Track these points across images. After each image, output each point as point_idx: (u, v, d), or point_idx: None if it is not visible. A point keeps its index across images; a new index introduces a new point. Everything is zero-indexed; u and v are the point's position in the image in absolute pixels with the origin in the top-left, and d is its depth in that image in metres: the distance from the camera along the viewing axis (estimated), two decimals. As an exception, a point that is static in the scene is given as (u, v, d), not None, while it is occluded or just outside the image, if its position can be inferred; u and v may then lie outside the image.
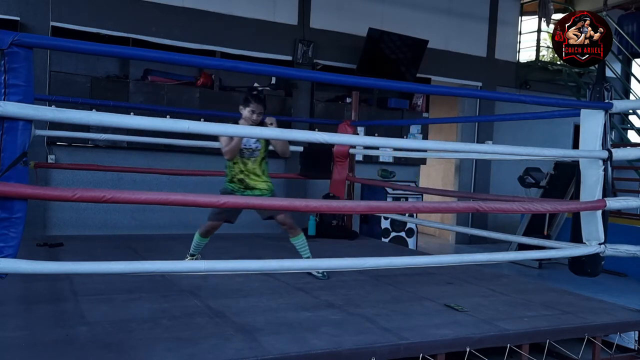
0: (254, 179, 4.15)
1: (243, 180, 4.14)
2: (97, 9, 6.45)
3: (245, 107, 4.02)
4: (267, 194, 4.19)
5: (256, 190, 4.16)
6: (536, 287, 4.59)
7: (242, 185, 4.14)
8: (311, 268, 3.85)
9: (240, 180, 4.14)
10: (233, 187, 4.17)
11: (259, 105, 4.02)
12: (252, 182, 4.15)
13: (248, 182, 4.14)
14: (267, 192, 4.21)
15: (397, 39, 7.76)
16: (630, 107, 6.04)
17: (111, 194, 2.49)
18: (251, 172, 4.14)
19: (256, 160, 4.15)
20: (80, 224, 6.41)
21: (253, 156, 4.13)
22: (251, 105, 4.00)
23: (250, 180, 4.15)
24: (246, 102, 4.02)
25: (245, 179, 4.14)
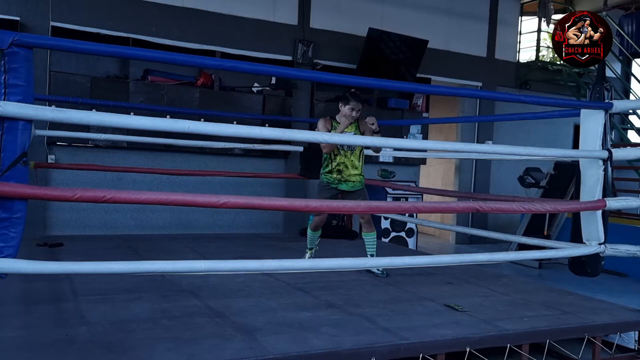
0: (351, 171, 4.43)
1: (341, 171, 4.43)
2: (97, 9, 6.45)
3: (346, 104, 4.32)
4: (358, 186, 4.48)
5: (350, 182, 4.44)
6: (536, 287, 4.59)
7: (340, 175, 4.43)
8: (312, 268, 3.83)
9: (338, 170, 4.43)
10: (329, 179, 4.46)
11: (358, 103, 4.32)
12: (348, 173, 4.42)
13: (345, 173, 4.42)
14: (359, 184, 4.49)
15: (397, 39, 7.76)
16: (630, 107, 6.04)
17: (111, 194, 2.49)
18: (350, 165, 4.42)
19: (354, 152, 4.44)
20: (80, 224, 6.41)
21: (351, 149, 4.41)
22: (351, 103, 4.31)
23: (348, 172, 4.42)
24: (346, 100, 4.33)
25: (344, 170, 4.42)
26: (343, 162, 4.42)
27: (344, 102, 4.32)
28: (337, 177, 4.44)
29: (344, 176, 4.43)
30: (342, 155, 4.42)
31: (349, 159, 4.42)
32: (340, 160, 4.42)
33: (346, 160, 4.42)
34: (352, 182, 4.45)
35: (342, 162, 4.42)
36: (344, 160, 4.42)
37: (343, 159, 4.42)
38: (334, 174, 4.45)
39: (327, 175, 4.48)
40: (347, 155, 4.42)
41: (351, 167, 4.43)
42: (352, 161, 4.43)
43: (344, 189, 4.47)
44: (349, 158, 4.43)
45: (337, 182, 4.45)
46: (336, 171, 4.43)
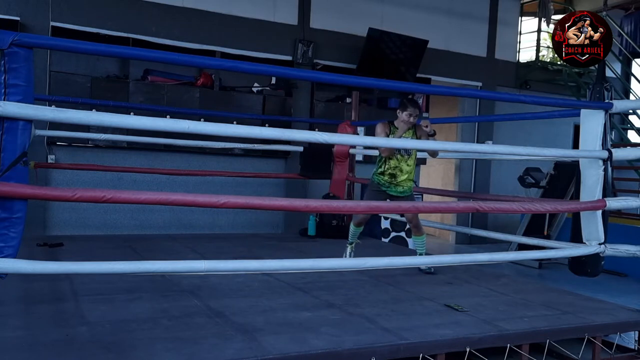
0: (403, 176, 4.44)
1: (394, 175, 4.44)
2: (97, 9, 6.45)
3: (403, 111, 4.31)
4: (407, 192, 4.51)
5: (399, 187, 4.46)
6: (536, 287, 4.59)
7: (392, 179, 4.44)
8: (312, 268, 3.84)
9: (391, 175, 4.44)
10: (380, 180, 4.48)
11: (416, 109, 4.32)
12: (401, 178, 4.44)
13: (398, 177, 4.44)
14: (408, 191, 4.51)
15: (397, 39, 7.76)
16: (630, 107, 6.04)
17: (111, 194, 2.50)
18: (403, 170, 4.43)
19: (410, 158, 4.45)
20: (80, 224, 6.41)
21: (408, 154, 4.43)
22: (409, 109, 4.30)
23: (401, 176, 4.44)
24: (404, 106, 4.33)
25: (397, 174, 4.43)
26: (398, 167, 4.43)
27: (402, 108, 4.33)
28: (388, 180, 4.45)
29: (397, 180, 4.44)
30: (398, 160, 4.42)
31: (404, 163, 4.43)
32: (395, 164, 4.43)
33: (401, 164, 4.43)
34: (402, 187, 4.46)
35: (397, 167, 4.43)
36: (399, 165, 4.43)
37: (397, 164, 4.43)
38: (386, 177, 4.46)
39: (379, 177, 4.50)
40: (402, 159, 4.43)
41: (405, 172, 4.44)
42: (408, 166, 4.45)
43: (393, 193, 4.48)
44: (405, 162, 4.44)
45: (387, 185, 4.47)
46: (389, 175, 4.44)
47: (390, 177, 4.45)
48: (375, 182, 4.53)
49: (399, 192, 4.48)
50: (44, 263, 2.58)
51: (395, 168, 4.43)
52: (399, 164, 4.43)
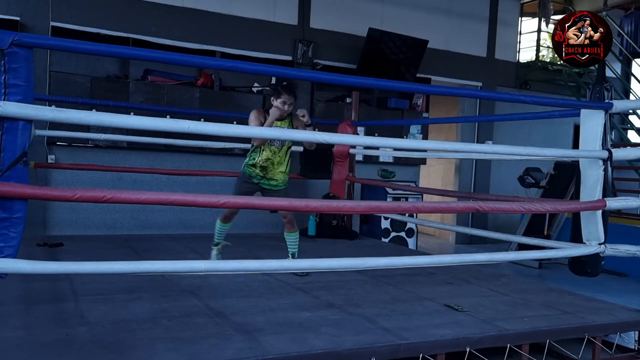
0: (276, 168, 4.24)
1: (266, 168, 4.22)
2: (97, 9, 6.45)
3: (277, 98, 4.11)
4: (281, 186, 4.29)
5: (272, 180, 4.25)
6: (536, 287, 4.59)
7: (263, 172, 4.22)
8: (313, 268, 3.84)
9: (263, 167, 4.21)
10: (251, 173, 4.24)
11: (290, 96, 4.12)
12: (273, 171, 4.23)
13: (270, 170, 4.23)
14: (282, 184, 4.30)
15: (397, 39, 7.76)
16: (630, 107, 6.03)
17: (111, 194, 2.49)
18: (276, 162, 4.23)
19: (283, 149, 4.23)
20: (80, 224, 6.41)
21: (281, 145, 4.21)
22: (283, 96, 4.10)
23: (273, 169, 4.23)
24: (278, 93, 4.12)
25: (269, 167, 4.21)
26: (270, 159, 4.18)
27: (276, 95, 4.11)
28: (260, 172, 4.21)
29: (268, 173, 4.22)
30: (271, 152, 4.17)
31: (276, 155, 4.19)
32: (267, 156, 4.17)
33: (274, 157, 4.18)
34: (275, 180, 4.24)
35: (269, 159, 4.18)
36: (271, 157, 4.18)
37: (270, 155, 4.17)
38: (257, 169, 4.21)
39: (251, 169, 4.23)
40: (275, 151, 4.18)
41: (277, 164, 4.21)
42: (280, 157, 4.21)
43: (266, 187, 4.25)
44: (277, 154, 4.19)
45: (259, 178, 4.23)
46: (260, 167, 4.20)
47: (262, 169, 4.21)
48: (246, 174, 4.25)
49: (272, 186, 4.25)
50: (44, 263, 2.58)
51: (268, 160, 4.19)
52: (272, 156, 4.18)
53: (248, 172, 4.26)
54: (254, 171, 4.24)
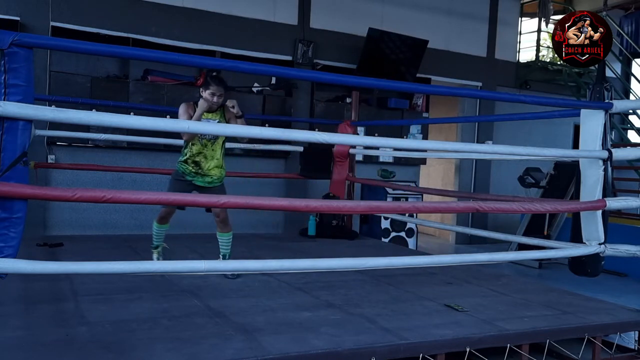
0: (210, 164, 4.00)
1: (198, 163, 3.98)
2: (97, 9, 6.45)
3: (206, 89, 3.92)
4: (217, 182, 4.07)
5: (207, 177, 4.01)
6: (536, 287, 4.59)
7: (196, 168, 3.99)
8: (312, 268, 3.84)
9: (195, 162, 3.98)
10: (185, 170, 4.00)
11: (219, 87, 3.93)
12: (207, 166, 3.99)
13: (203, 165, 3.99)
14: (217, 181, 4.07)
15: (397, 39, 7.76)
16: (630, 107, 6.04)
17: (111, 194, 2.50)
18: (209, 156, 3.99)
19: (216, 143, 4.01)
20: (80, 224, 6.41)
21: (214, 138, 3.98)
22: (211, 87, 3.91)
23: (206, 164, 3.99)
24: (206, 84, 3.93)
25: (201, 161, 3.98)
26: (202, 153, 3.95)
27: (204, 87, 3.91)
28: (193, 169, 3.98)
29: (202, 169, 3.99)
30: (202, 145, 3.95)
31: (209, 149, 3.97)
32: (198, 150, 3.95)
33: (206, 150, 3.96)
34: (209, 176, 4.01)
35: (201, 153, 3.95)
36: (203, 151, 3.95)
37: (202, 149, 3.95)
38: (190, 166, 3.98)
39: (183, 166, 4.00)
40: (207, 145, 3.96)
41: (210, 159, 3.97)
42: (213, 152, 3.99)
43: (200, 184, 4.01)
44: (210, 148, 3.97)
45: (193, 175, 3.99)
46: (192, 163, 3.97)
47: (194, 165, 3.97)
48: (179, 172, 4.03)
49: (207, 183, 4.03)
50: (44, 263, 2.58)
51: (199, 154, 3.96)
52: (203, 150, 3.96)
53: (181, 169, 4.03)
54: (187, 168, 4.00)
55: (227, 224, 4.13)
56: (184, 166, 4.02)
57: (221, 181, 4.12)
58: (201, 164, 3.99)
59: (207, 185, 4.04)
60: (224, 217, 4.09)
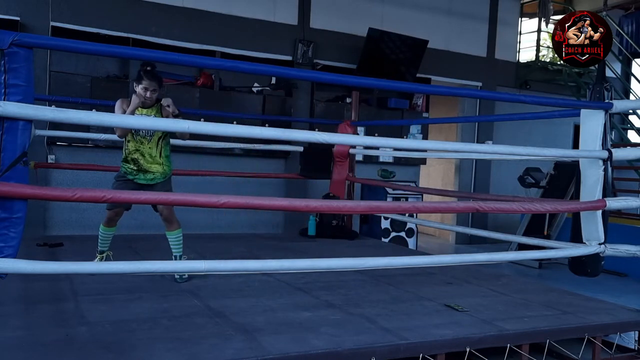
0: (149, 161, 3.86)
1: (137, 161, 3.85)
2: (97, 9, 6.45)
3: (138, 84, 3.77)
4: (159, 178, 3.91)
5: (149, 173, 3.87)
6: (536, 287, 4.59)
7: (136, 166, 3.86)
8: (312, 268, 3.84)
9: (133, 160, 3.85)
10: (126, 170, 3.89)
11: (153, 82, 3.77)
12: (146, 163, 3.86)
13: (142, 163, 3.85)
14: (160, 177, 3.91)
15: (397, 39, 7.76)
16: (630, 107, 6.04)
17: (111, 194, 2.50)
18: (146, 153, 3.85)
19: (152, 140, 3.85)
20: (80, 224, 6.40)
21: (149, 134, 3.83)
22: (144, 82, 3.75)
23: (145, 162, 3.85)
24: (139, 78, 3.77)
25: (139, 159, 3.84)
26: (138, 150, 3.82)
27: (137, 81, 3.76)
28: (133, 167, 3.85)
29: (142, 166, 3.85)
30: (137, 142, 3.81)
31: (145, 145, 3.83)
32: (134, 147, 3.82)
33: (142, 147, 3.82)
34: (151, 173, 3.87)
35: (137, 150, 3.82)
36: (140, 148, 3.82)
37: (137, 146, 3.82)
38: (130, 164, 3.85)
39: (125, 165, 3.88)
40: (142, 142, 3.82)
41: (148, 156, 3.84)
42: (149, 149, 3.83)
43: (142, 182, 3.87)
44: (146, 145, 3.83)
45: (134, 174, 3.86)
46: (132, 160, 3.84)
47: (133, 162, 3.84)
48: (121, 172, 3.91)
49: (149, 180, 3.87)
50: (44, 263, 2.58)
51: (136, 152, 3.82)
52: (139, 147, 3.82)
53: (123, 169, 3.90)
54: (128, 167, 3.87)
55: (172, 222, 3.93)
56: (125, 165, 3.89)
57: (165, 177, 3.94)
58: (140, 162, 3.85)
59: (150, 182, 3.89)
60: (167, 215, 3.90)
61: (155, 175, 3.90)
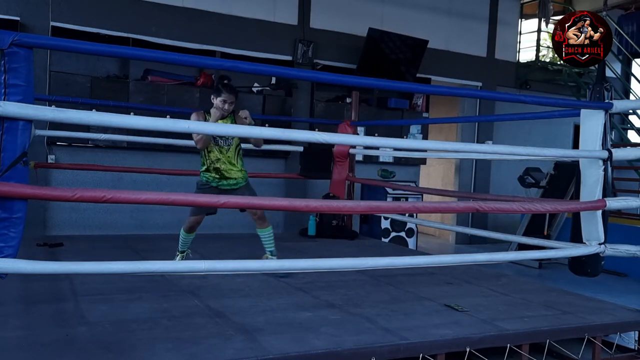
0: (229, 168, 4.14)
1: (219, 170, 4.12)
2: (97, 9, 6.45)
3: (217, 96, 4.04)
4: (241, 182, 4.20)
5: (231, 180, 4.16)
6: (536, 287, 4.59)
7: (218, 174, 4.13)
8: (312, 268, 3.84)
9: (216, 169, 4.12)
10: (208, 178, 4.16)
11: (231, 95, 4.04)
12: (228, 171, 4.13)
13: (224, 171, 4.12)
14: (242, 180, 4.21)
15: (397, 39, 7.76)
16: (630, 107, 6.04)
17: (111, 194, 2.50)
18: (227, 161, 4.13)
19: (231, 148, 4.13)
20: (80, 224, 6.41)
21: (228, 144, 4.11)
22: (223, 94, 4.01)
23: (226, 169, 4.13)
24: (218, 91, 4.04)
25: (221, 167, 4.11)
26: (219, 159, 4.11)
27: (216, 94, 4.05)
28: (215, 175, 4.14)
29: (224, 173, 4.13)
30: (217, 152, 4.10)
31: (225, 154, 4.11)
32: (216, 157, 4.10)
33: (222, 156, 4.11)
34: (233, 179, 4.15)
35: (219, 159, 4.11)
36: (220, 157, 4.11)
37: (218, 155, 4.11)
38: (212, 172, 4.14)
39: (206, 174, 4.17)
40: (222, 151, 4.11)
41: (229, 163, 4.13)
42: (229, 157, 4.12)
43: (225, 187, 4.15)
44: (225, 154, 4.11)
45: (217, 181, 4.14)
46: (214, 169, 4.12)
47: (215, 171, 4.13)
48: (202, 181, 4.20)
49: (232, 185, 4.17)
50: (44, 263, 2.58)
51: (218, 161, 4.11)
52: (220, 156, 4.11)
53: (204, 178, 4.19)
54: (210, 175, 4.15)
55: (265, 220, 4.27)
56: (207, 174, 4.17)
57: (245, 181, 4.24)
58: (222, 170, 4.13)
59: (233, 187, 4.18)
60: (260, 214, 4.23)
61: (237, 180, 4.19)
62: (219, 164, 4.12)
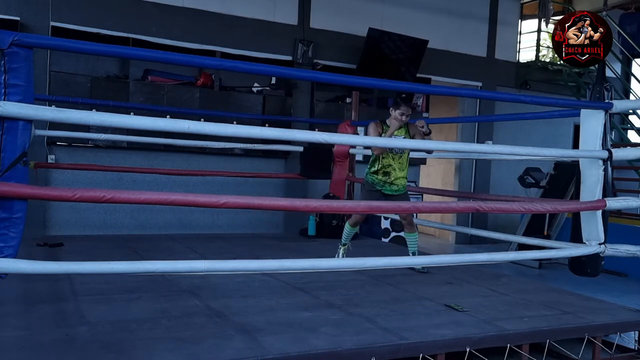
0: (398, 175, 4.49)
1: (389, 174, 4.48)
2: (97, 9, 6.45)
3: (396, 109, 4.40)
4: (402, 190, 4.55)
5: (394, 185, 4.50)
6: (536, 287, 4.59)
7: (386, 177, 4.48)
8: (312, 268, 3.84)
9: (385, 173, 4.48)
10: (374, 180, 4.51)
11: (409, 108, 4.44)
12: (395, 177, 4.48)
13: (392, 176, 4.48)
14: (402, 189, 4.55)
15: (397, 39, 7.76)
16: (630, 107, 6.04)
17: (111, 194, 2.50)
18: (397, 168, 4.48)
19: (403, 156, 4.51)
20: (80, 224, 6.41)
21: (401, 151, 4.48)
22: (402, 108, 4.39)
23: (395, 175, 4.48)
24: (397, 105, 4.41)
25: (391, 172, 4.47)
26: (391, 165, 4.47)
27: (395, 106, 4.41)
28: (383, 179, 4.48)
29: (390, 179, 4.48)
30: (390, 158, 4.46)
31: (396, 161, 4.48)
32: (388, 163, 4.47)
33: (394, 162, 4.47)
34: (396, 185, 4.50)
35: (390, 165, 4.47)
36: (392, 163, 4.47)
37: (390, 161, 4.47)
38: (380, 176, 4.49)
39: (373, 176, 4.52)
40: (395, 158, 4.47)
41: (398, 170, 4.48)
42: (400, 164, 4.49)
43: (388, 192, 4.50)
44: (397, 161, 4.48)
45: (382, 184, 4.49)
46: (382, 173, 4.48)
47: (384, 175, 4.48)
48: (369, 182, 4.54)
49: (394, 191, 4.50)
50: (44, 263, 2.58)
51: (389, 166, 4.46)
52: (392, 162, 4.46)
53: (371, 179, 4.53)
54: (377, 178, 4.50)
55: (413, 225, 4.66)
56: (373, 177, 4.53)
57: (405, 189, 4.60)
58: (390, 174, 4.49)
59: (394, 193, 4.51)
60: (410, 220, 4.64)
61: (399, 187, 4.53)
62: (389, 169, 4.48)
